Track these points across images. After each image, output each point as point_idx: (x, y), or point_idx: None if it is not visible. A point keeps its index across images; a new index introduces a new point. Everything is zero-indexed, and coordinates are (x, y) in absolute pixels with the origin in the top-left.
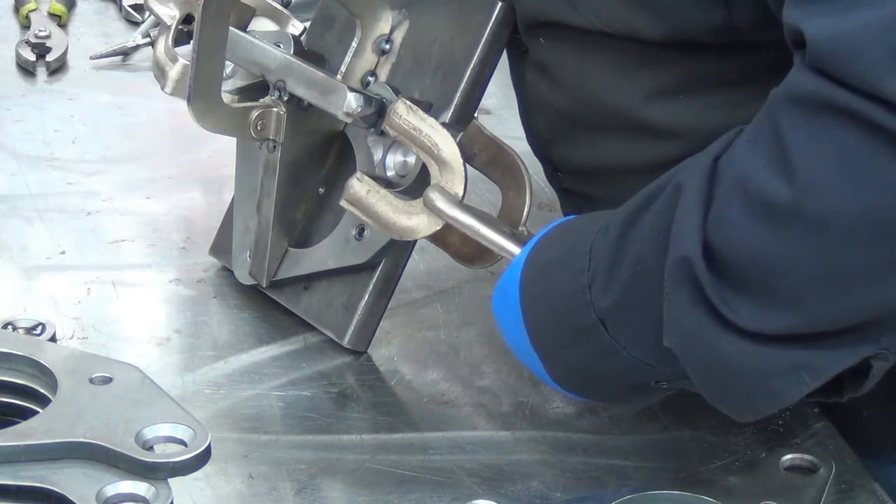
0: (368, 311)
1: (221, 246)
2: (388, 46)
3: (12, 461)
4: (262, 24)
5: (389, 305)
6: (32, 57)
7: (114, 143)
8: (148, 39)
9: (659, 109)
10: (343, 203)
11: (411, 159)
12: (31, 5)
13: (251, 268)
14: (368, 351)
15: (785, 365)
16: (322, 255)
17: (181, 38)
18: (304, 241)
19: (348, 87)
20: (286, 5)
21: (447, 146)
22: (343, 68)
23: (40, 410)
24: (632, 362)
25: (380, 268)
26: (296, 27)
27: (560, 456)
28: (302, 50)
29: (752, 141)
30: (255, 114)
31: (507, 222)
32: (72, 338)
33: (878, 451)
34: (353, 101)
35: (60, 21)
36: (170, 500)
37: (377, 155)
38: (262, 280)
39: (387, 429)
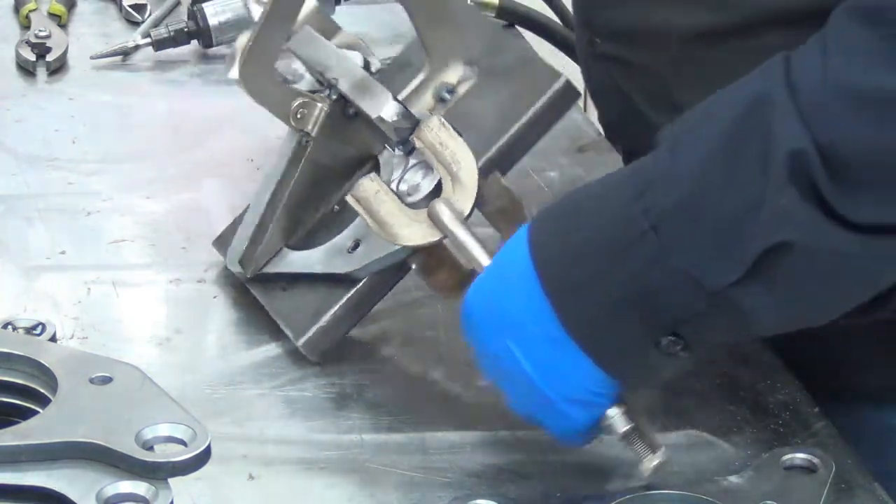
0: (334, 322)
1: (225, 238)
2: (448, 97)
3: (12, 461)
4: None
5: (390, 306)
6: (32, 57)
7: (114, 143)
8: (148, 39)
9: None
10: (349, 198)
11: (427, 184)
12: (31, 5)
13: (243, 255)
14: (369, 351)
15: None
16: (311, 259)
17: (181, 38)
18: (300, 247)
19: (394, 97)
20: None
21: (468, 165)
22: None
23: (40, 410)
24: (674, 279)
25: (360, 284)
26: (373, 65)
27: (560, 456)
28: (368, 72)
29: (839, 40)
30: (299, 101)
31: None
32: (72, 338)
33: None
34: (392, 109)
35: (60, 21)
36: (170, 500)
37: (396, 173)
38: (248, 269)
39: (387, 429)
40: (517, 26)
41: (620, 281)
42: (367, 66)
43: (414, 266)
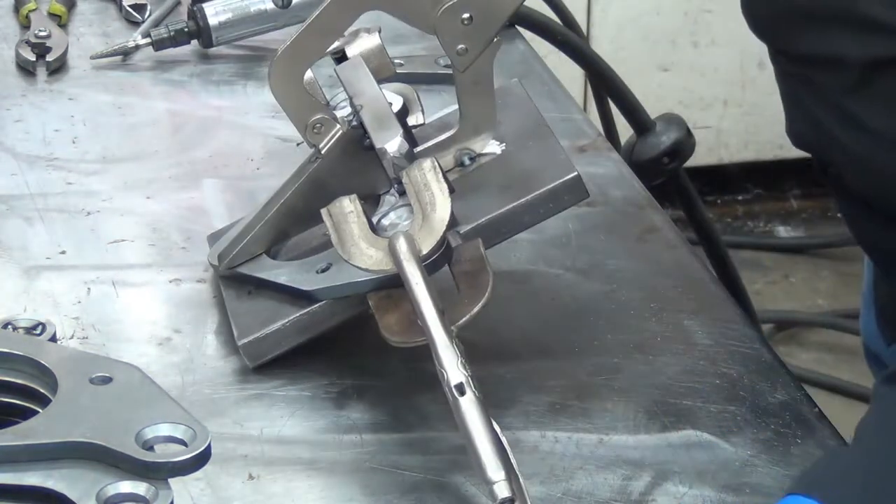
0: (278, 334)
1: (219, 234)
2: (468, 163)
3: (12, 461)
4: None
5: None
6: (32, 57)
7: (114, 143)
8: (148, 39)
9: None
10: (323, 211)
11: (407, 225)
12: (31, 5)
13: (223, 250)
14: (368, 350)
15: None
16: (281, 269)
17: (181, 38)
18: (279, 258)
19: (405, 136)
20: (286, 6)
21: (442, 212)
22: (417, 150)
23: (40, 410)
24: None
25: (315, 306)
26: (416, 119)
27: (560, 458)
28: (403, 121)
29: None
30: (319, 115)
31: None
32: (72, 338)
33: None
34: (397, 144)
35: (60, 21)
36: (170, 500)
37: (383, 209)
38: (222, 264)
39: (387, 429)
40: (517, 26)
41: None
42: (404, 113)
43: (371, 302)
